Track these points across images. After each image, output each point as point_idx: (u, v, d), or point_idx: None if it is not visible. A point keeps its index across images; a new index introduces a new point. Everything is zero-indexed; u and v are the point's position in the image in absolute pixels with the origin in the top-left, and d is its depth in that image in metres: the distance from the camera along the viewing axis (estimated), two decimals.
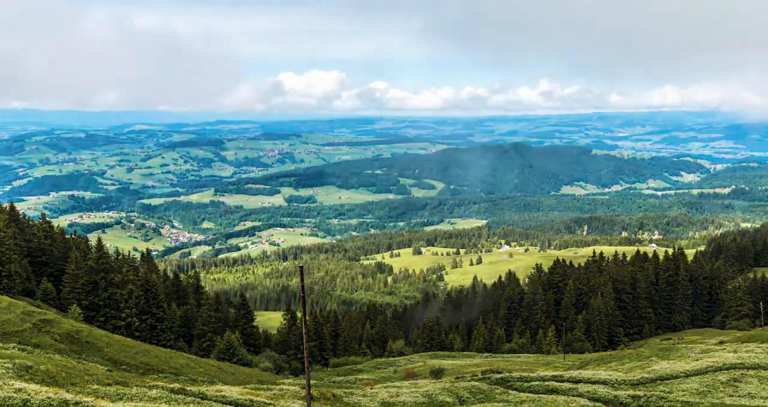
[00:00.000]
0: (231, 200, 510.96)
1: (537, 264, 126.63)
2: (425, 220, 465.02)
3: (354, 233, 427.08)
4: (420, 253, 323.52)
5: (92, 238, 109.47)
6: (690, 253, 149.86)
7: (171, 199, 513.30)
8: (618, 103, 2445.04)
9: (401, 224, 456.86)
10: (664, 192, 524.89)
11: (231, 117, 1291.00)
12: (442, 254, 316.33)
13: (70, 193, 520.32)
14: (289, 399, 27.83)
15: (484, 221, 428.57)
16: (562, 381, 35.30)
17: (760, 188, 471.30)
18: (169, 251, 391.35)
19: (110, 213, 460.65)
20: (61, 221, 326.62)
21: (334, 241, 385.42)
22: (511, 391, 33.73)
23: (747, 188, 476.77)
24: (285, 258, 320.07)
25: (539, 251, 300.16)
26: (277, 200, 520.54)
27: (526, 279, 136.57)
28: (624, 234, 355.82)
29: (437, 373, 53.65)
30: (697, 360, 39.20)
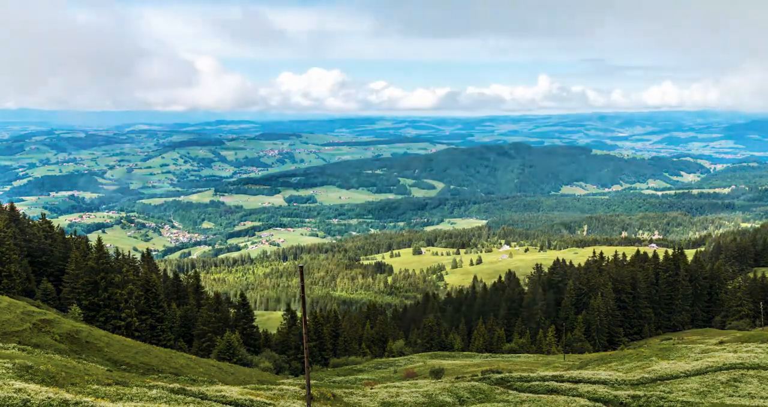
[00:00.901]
0: (231, 200, 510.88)
1: (537, 264, 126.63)
2: (425, 220, 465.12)
3: (354, 233, 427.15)
4: (420, 253, 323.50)
5: (92, 238, 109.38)
6: (690, 253, 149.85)
7: (171, 199, 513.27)
8: (618, 103, 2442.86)
9: (401, 224, 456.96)
10: (664, 192, 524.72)
11: (231, 117, 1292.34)
12: (442, 254, 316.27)
13: (70, 193, 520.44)
14: (289, 399, 27.83)
15: (484, 221, 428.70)
16: (562, 381, 35.30)
17: (760, 188, 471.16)
18: (169, 251, 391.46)
19: (110, 213, 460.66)
20: (61, 221, 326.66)
21: (334, 241, 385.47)
22: (511, 391, 33.73)
23: (747, 188, 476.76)
24: (285, 258, 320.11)
25: (539, 251, 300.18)
26: (277, 200, 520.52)
27: (526, 279, 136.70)
28: (624, 234, 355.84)
29: (437, 373, 53.62)
30: (697, 360, 39.20)
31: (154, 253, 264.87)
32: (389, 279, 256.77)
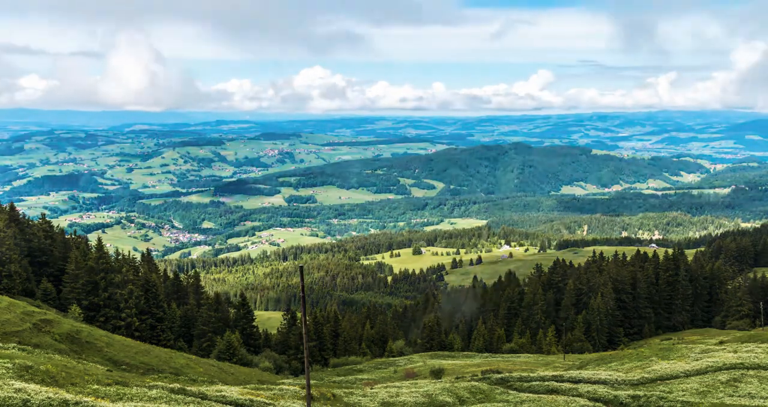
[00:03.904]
0: (231, 200, 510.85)
1: (537, 264, 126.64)
2: (425, 220, 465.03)
3: (354, 233, 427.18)
4: (420, 253, 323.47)
5: (92, 238, 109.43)
6: (690, 253, 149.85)
7: (171, 199, 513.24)
8: (618, 103, 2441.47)
9: (401, 224, 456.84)
10: (664, 192, 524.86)
11: (231, 117, 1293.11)
12: (442, 254, 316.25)
13: (70, 193, 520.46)
14: (289, 399, 27.85)
15: (484, 221, 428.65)
16: (562, 381, 35.31)
17: (760, 188, 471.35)
18: (169, 251, 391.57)
19: (110, 213, 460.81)
20: (61, 221, 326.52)
21: (334, 241, 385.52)
22: (511, 391, 33.74)
23: (747, 188, 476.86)
24: (285, 258, 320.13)
25: (539, 251, 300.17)
26: (277, 200, 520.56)
27: (526, 279, 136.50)
28: (624, 234, 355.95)
29: (437, 373, 53.60)
30: (697, 360, 39.20)
31: (154, 253, 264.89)
32: (389, 279, 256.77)
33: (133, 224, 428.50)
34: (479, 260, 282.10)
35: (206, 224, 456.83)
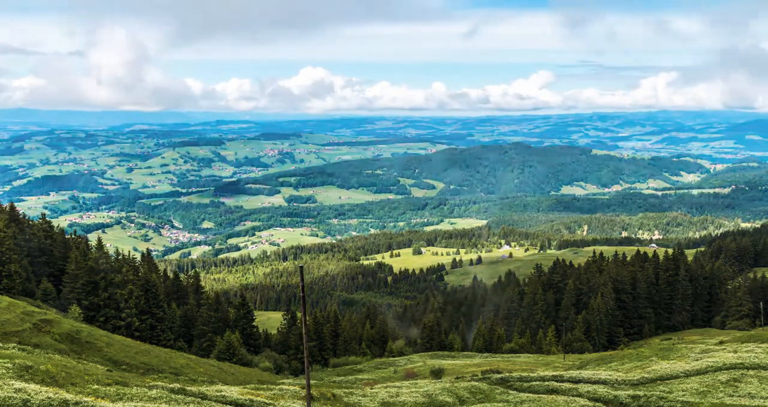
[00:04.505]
0: (231, 200, 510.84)
1: (537, 264, 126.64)
2: (425, 220, 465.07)
3: (354, 233, 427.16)
4: (420, 253, 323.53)
5: (92, 238, 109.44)
6: (690, 253, 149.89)
7: (171, 199, 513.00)
8: (618, 103, 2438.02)
9: (401, 224, 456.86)
10: (664, 192, 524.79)
11: (230, 117, 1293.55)
12: (442, 254, 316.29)
13: (70, 193, 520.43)
14: (289, 399, 27.86)
15: (484, 221, 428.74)
16: (562, 381, 35.32)
17: (760, 188, 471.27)
18: (169, 251, 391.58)
19: (110, 213, 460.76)
20: (61, 221, 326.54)
21: (334, 241, 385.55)
22: (511, 391, 33.74)
23: (747, 188, 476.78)
24: (285, 258, 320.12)
25: (539, 251, 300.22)
26: (277, 200, 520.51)
27: (526, 279, 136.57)
28: (624, 234, 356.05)
29: (437, 373, 53.59)
30: (697, 360, 39.20)
31: (154, 253, 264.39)
32: (389, 279, 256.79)
33: (133, 224, 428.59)
34: (479, 260, 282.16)
35: (206, 224, 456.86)
